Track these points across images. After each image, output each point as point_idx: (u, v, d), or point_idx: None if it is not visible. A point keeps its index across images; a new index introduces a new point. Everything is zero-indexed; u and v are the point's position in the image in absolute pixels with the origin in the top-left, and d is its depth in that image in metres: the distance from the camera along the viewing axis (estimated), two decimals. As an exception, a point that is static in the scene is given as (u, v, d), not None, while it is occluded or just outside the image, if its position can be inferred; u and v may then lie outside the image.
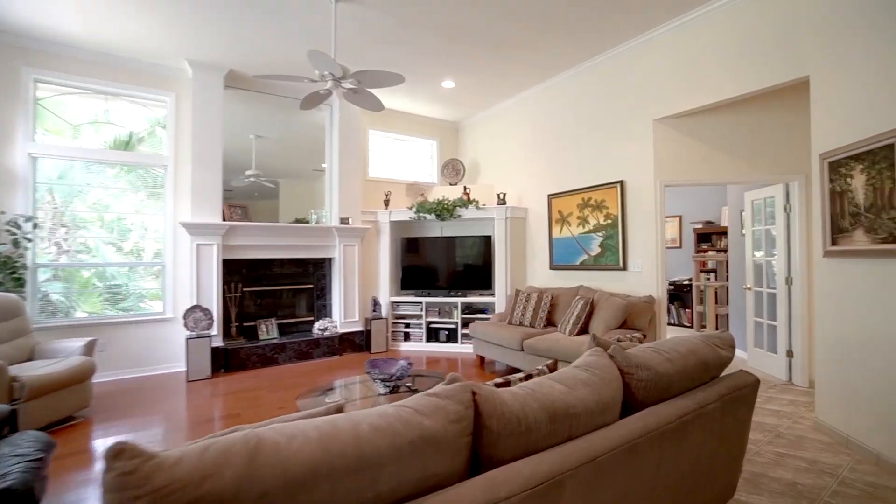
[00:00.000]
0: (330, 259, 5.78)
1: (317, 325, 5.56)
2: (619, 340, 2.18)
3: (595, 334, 1.85)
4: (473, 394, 1.13)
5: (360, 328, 5.79)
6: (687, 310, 7.22)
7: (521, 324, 4.68)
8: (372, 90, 4.17)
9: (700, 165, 4.14)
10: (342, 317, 5.69)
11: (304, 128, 5.79)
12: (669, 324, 7.37)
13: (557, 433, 1.18)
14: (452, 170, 6.58)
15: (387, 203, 6.08)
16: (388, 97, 5.92)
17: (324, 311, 5.79)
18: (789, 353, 4.08)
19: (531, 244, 5.73)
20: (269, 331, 5.27)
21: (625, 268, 4.45)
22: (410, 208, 5.88)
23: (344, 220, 5.69)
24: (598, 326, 3.92)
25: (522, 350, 4.19)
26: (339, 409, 1.19)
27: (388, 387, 2.69)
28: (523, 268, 5.80)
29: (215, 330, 4.70)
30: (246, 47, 4.48)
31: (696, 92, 3.89)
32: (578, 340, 3.82)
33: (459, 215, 5.74)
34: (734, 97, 3.66)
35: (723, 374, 1.87)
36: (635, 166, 4.37)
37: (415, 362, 5.30)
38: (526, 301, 4.77)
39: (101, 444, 3.00)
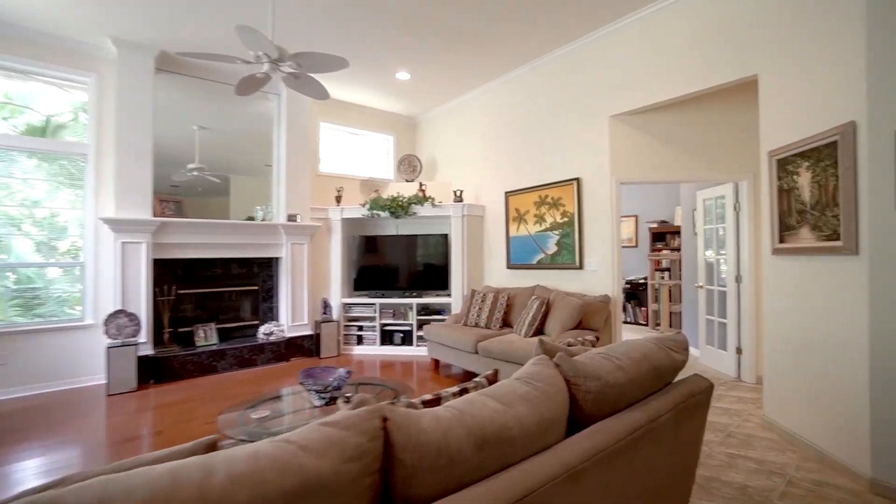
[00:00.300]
0: (277, 259, 5.42)
1: (262, 329, 5.19)
2: (569, 345, 2.03)
3: (542, 339, 1.69)
4: (384, 420, 0.93)
5: (309, 332, 5.47)
6: (643, 308, 7.32)
7: (476, 325, 4.52)
8: (316, 76, 3.89)
9: (655, 164, 4.12)
10: (290, 320, 5.34)
11: (253, 120, 5.40)
12: (626, 322, 7.46)
13: (488, 463, 1.00)
14: (409, 166, 6.36)
15: (338, 199, 5.78)
16: (341, 88, 5.63)
17: (270, 314, 5.42)
18: (738, 351, 4.12)
19: (489, 243, 5.60)
20: (207, 336, 4.86)
21: (581, 267, 4.38)
22: (363, 205, 5.61)
23: (291, 218, 5.35)
24: (553, 327, 3.81)
25: (477, 353, 4.03)
26: (212, 446, 0.95)
27: (324, 398, 2.44)
28: (481, 267, 5.65)
29: (143, 337, 4.26)
30: (178, 26, 4.08)
31: (652, 88, 3.86)
32: (533, 342, 3.69)
33: (415, 213, 5.52)
34: (687, 94, 3.64)
35: (677, 378, 1.76)
36: (592, 163, 4.31)
37: (368, 367, 5.05)
38: (482, 301, 4.62)
39: (-13, 473, 2.58)
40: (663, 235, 7.12)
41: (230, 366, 4.77)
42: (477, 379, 1.47)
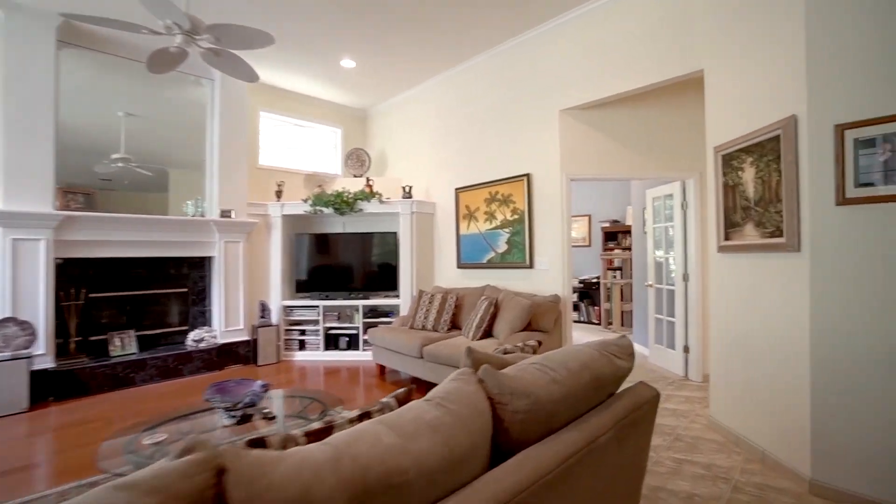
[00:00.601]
0: (209, 258, 4.96)
1: (191, 335, 4.73)
2: (506, 352, 1.83)
3: (470, 347, 1.48)
4: (220, 473, 0.67)
5: (245, 337, 5.05)
6: (596, 307, 7.34)
7: (423, 328, 4.29)
8: (244, 57, 3.53)
9: (605, 160, 4.04)
10: (223, 325, 4.90)
11: (187, 108, 4.92)
12: (579, 321, 7.46)
13: (369, 521, 0.76)
14: (357, 160, 6.04)
15: (279, 194, 5.39)
16: (282, 75, 5.24)
17: (202, 318, 4.96)
18: (686, 349, 4.12)
19: (439, 241, 5.38)
20: (125, 345, 4.35)
21: (531, 266, 4.24)
22: (305, 201, 5.24)
23: (225, 213, 4.91)
24: (502, 329, 3.64)
25: (422, 357, 3.80)
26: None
27: (235, 417, 2.12)
28: (431, 267, 5.43)
29: (41, 348, 3.73)
30: (82, -6, 3.59)
31: (601, 83, 3.77)
32: (480, 345, 3.50)
33: (361, 209, 5.22)
34: (636, 89, 3.57)
35: (622, 387, 1.60)
36: (542, 159, 4.18)
37: (310, 373, 4.71)
38: (429, 303, 4.39)
39: None
40: (615, 235, 7.17)
41: (151, 378, 4.29)
42: (385, 399, 1.23)
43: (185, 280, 4.87)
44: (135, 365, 4.22)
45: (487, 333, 3.79)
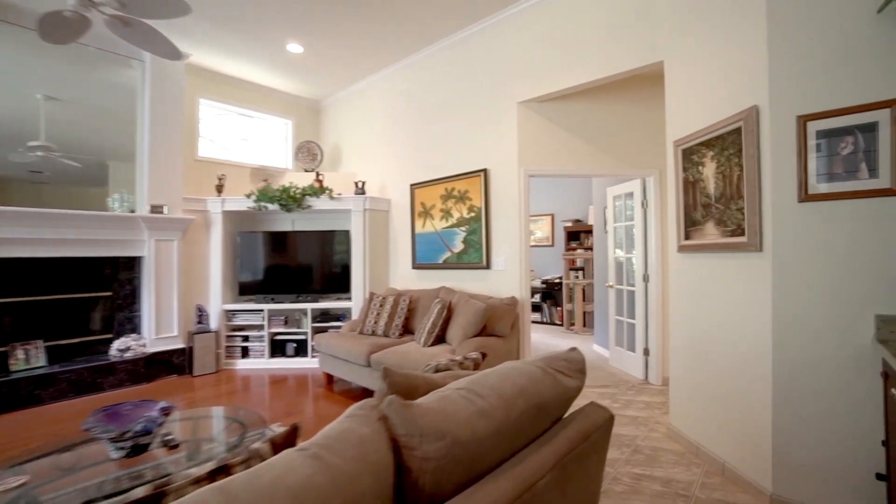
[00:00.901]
0: (138, 258, 4.48)
1: (115, 344, 4.24)
2: (438, 369, 1.57)
3: (387, 369, 1.21)
4: None
5: (179, 345, 4.59)
6: (559, 308, 7.23)
7: (373, 333, 3.99)
8: (152, 24, 3.12)
9: (565, 156, 3.87)
10: (153, 332, 4.44)
11: (121, 92, 4.43)
12: (542, 322, 7.33)
13: None
14: (308, 154, 5.66)
15: (220, 189, 4.95)
16: (222, 59, 4.81)
17: (130, 325, 4.47)
18: (646, 352, 4.00)
19: (394, 240, 5.09)
20: (30, 358, 3.84)
21: (488, 266, 4.02)
22: (249, 196, 4.83)
23: (156, 209, 4.44)
24: (455, 334, 3.39)
25: (370, 366, 3.50)
26: None
27: (124, 449, 1.77)
28: (386, 267, 5.13)
29: (-80, 363, 3.20)
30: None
31: (560, 74, 3.58)
32: (431, 353, 3.24)
33: (310, 206, 4.86)
34: (595, 81, 3.40)
35: (571, 409, 1.37)
36: (499, 154, 3.96)
37: (254, 383, 4.32)
38: (380, 306, 4.09)
39: None
40: (578, 235, 7.09)
41: (62, 394, 3.79)
42: (256, 446, 0.95)
43: (110, 283, 4.37)
44: (42, 380, 3.71)
45: (440, 339, 3.54)
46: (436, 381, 1.33)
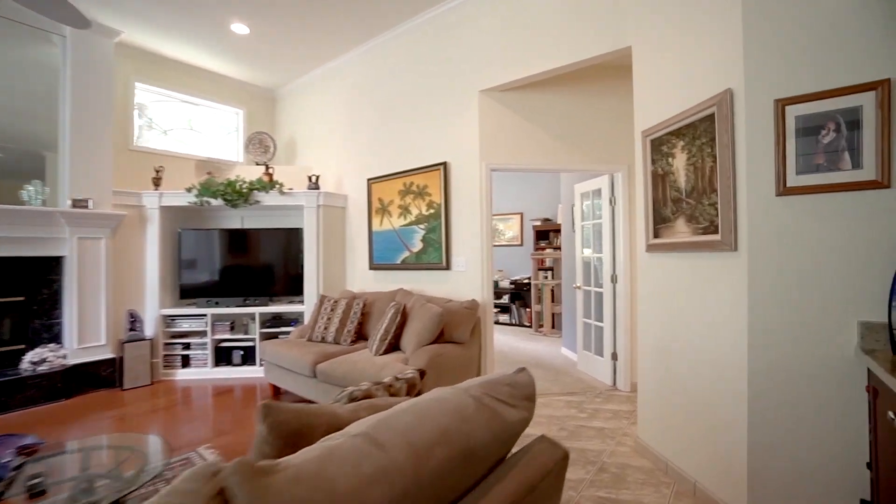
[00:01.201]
0: (59, 258, 3.99)
1: (28, 356, 3.75)
2: (353, 398, 1.28)
3: (267, 404, 0.91)
4: None
5: (108, 355, 4.12)
6: (528, 309, 7.04)
7: (323, 339, 3.65)
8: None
9: (529, 149, 3.63)
10: (76, 342, 3.96)
11: (44, 72, 3.92)
12: (510, 324, 7.12)
13: None
14: (260, 146, 5.26)
15: (157, 182, 4.50)
16: (164, 40, 4.37)
17: (48, 334, 3.97)
18: (614, 357, 3.81)
19: (351, 239, 4.75)
20: (-79, 372, 3.32)
21: (448, 266, 3.74)
22: (189, 190, 4.40)
23: (79, 203, 3.97)
24: (409, 342, 3.10)
25: (315, 377, 3.17)
26: None
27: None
28: (342, 268, 4.79)
29: None
30: None
31: (524, 60, 3.34)
32: (381, 362, 2.94)
33: (258, 201, 4.47)
34: (560, 68, 3.18)
35: (517, 447, 1.10)
36: (460, 146, 3.69)
37: (196, 395, 3.91)
38: (331, 311, 3.76)
39: None
40: (547, 234, 6.91)
41: (-42, 413, 3.30)
42: None
43: (24, 286, 3.87)
44: (-66, 398, 3.22)
45: (394, 346, 3.24)
46: (342, 417, 1.04)
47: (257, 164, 5.17)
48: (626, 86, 3.50)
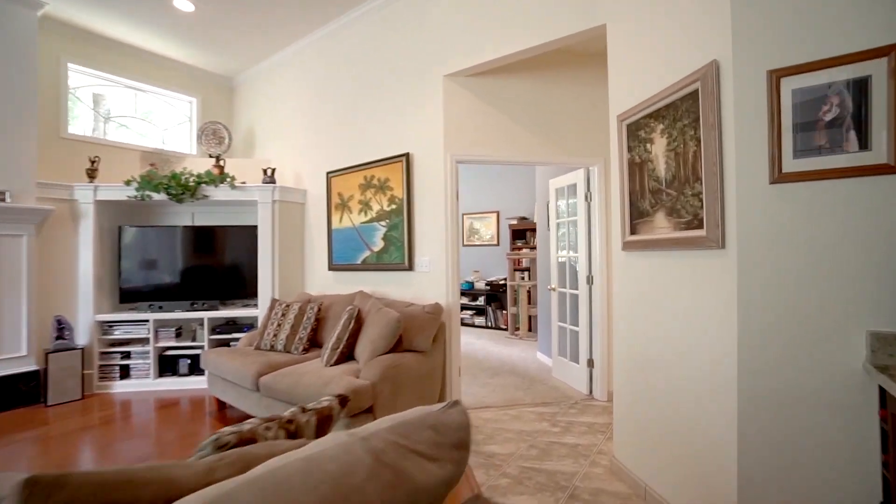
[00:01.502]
0: (-27, 258, 3.54)
1: (-67, 369, 3.29)
2: (219, 445, 0.95)
3: (35, 477, 0.58)
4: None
5: (30, 367, 3.68)
6: (504, 311, 6.77)
7: (272, 348, 3.30)
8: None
9: (499, 140, 3.34)
10: (-8, 352, 3.51)
11: None
12: (486, 327, 6.84)
13: None
14: (214, 137, 4.85)
15: (92, 174, 4.06)
16: (100, 17, 3.94)
17: (-39, 343, 3.51)
18: (590, 363, 3.55)
19: (311, 238, 4.40)
20: None
21: (411, 267, 3.43)
22: (128, 183, 3.99)
23: (-4, 196, 3.52)
24: (363, 351, 2.77)
25: (258, 390, 2.82)
26: None
27: None
28: (301, 269, 4.43)
29: None
30: None
31: (491, 42, 3.05)
32: (329, 375, 2.60)
33: (206, 196, 4.08)
34: (530, 49, 2.90)
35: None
36: (424, 136, 3.39)
37: (136, 409, 3.51)
38: (282, 316, 3.41)
39: None
40: (524, 233, 6.65)
41: None
42: None
43: (-68, 289, 3.41)
44: None
45: (346, 356, 2.91)
46: (183, 485, 0.71)
47: (210, 157, 4.77)
48: (603, 74, 3.25)
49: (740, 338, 1.59)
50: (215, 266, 4.24)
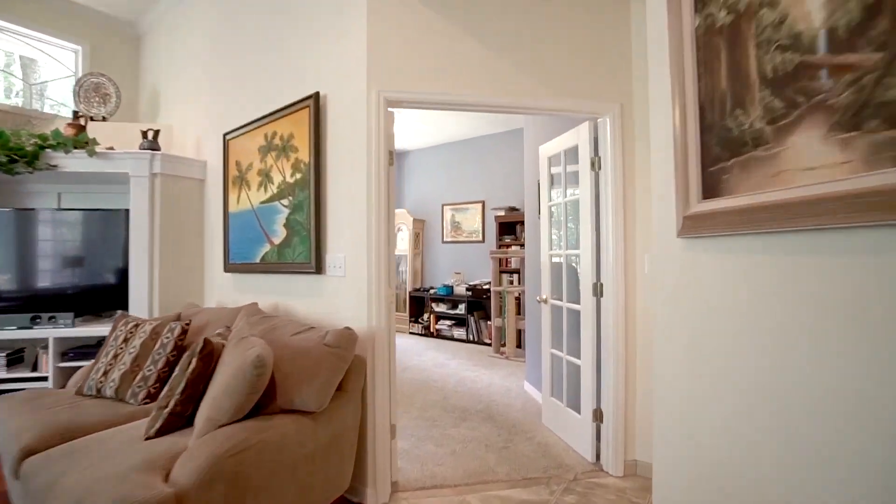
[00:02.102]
0: None
1: None
2: None
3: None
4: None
5: None
6: (489, 322, 5.58)
7: (99, 392, 2.11)
8: None
9: (457, 72, 2.15)
10: None
11: None
12: (468, 340, 5.64)
13: None
14: (96, 93, 3.65)
15: None
16: None
17: None
18: (597, 415, 2.36)
19: (211, 226, 3.21)
20: None
21: (319, 269, 2.23)
22: (-63, 145, 2.79)
23: None
24: (204, 413, 1.58)
25: (18, 478, 1.63)
26: None
27: None
28: (200, 270, 3.24)
29: None
30: None
31: None
32: (135, 460, 1.40)
33: (55, 166, 2.89)
34: None
35: None
36: (340, 67, 2.20)
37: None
38: (124, 342, 2.22)
39: None
40: (513, 226, 5.47)
41: None
42: None
43: None
44: None
45: (185, 417, 1.71)
46: None
47: (92, 120, 3.57)
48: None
49: None
50: (72, 266, 3.06)
